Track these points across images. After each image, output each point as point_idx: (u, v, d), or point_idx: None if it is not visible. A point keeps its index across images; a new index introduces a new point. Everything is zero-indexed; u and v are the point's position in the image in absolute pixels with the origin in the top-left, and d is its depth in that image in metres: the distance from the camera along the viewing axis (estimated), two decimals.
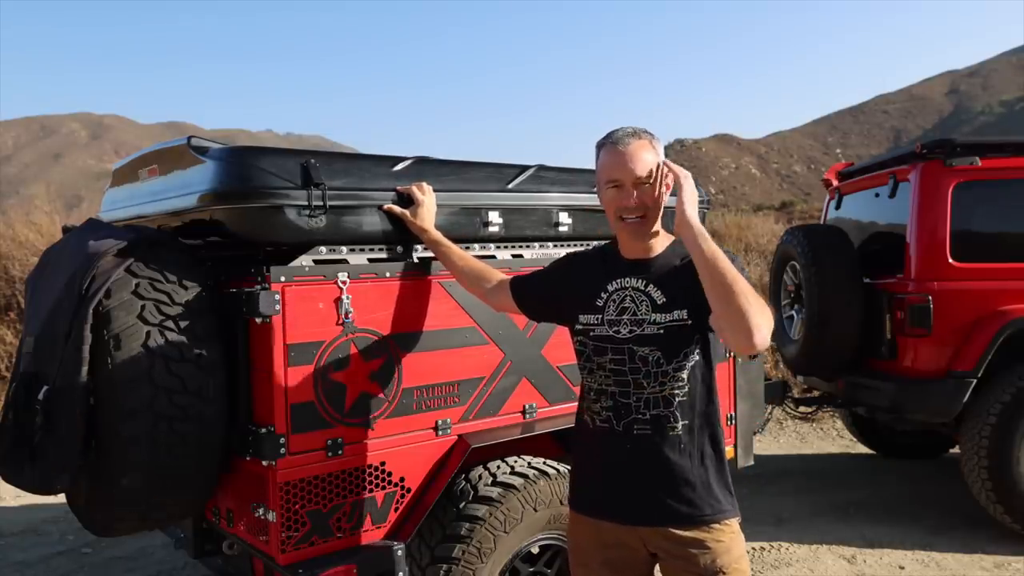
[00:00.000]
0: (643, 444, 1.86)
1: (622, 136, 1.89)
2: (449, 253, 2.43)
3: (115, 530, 2.40)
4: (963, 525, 4.52)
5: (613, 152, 1.89)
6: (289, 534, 2.31)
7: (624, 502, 1.90)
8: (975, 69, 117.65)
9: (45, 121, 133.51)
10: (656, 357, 1.84)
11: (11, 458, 2.22)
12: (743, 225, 13.15)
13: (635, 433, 1.87)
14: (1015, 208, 4.50)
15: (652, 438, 1.86)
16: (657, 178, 1.87)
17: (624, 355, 1.88)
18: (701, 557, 1.83)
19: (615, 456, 1.90)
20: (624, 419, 1.88)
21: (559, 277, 2.13)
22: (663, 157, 1.92)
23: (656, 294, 1.88)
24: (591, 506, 1.97)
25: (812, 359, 4.90)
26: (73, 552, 4.35)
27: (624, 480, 1.90)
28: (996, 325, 4.26)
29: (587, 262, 2.08)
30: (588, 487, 2.00)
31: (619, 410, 1.89)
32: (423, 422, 2.57)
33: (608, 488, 1.93)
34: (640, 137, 1.89)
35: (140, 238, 2.31)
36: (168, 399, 2.18)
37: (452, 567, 2.49)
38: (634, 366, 1.86)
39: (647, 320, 1.86)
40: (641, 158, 1.86)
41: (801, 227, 5.35)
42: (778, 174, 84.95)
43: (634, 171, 1.85)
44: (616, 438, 1.90)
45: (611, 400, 1.90)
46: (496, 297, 2.30)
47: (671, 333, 1.84)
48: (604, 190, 1.92)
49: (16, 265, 8.26)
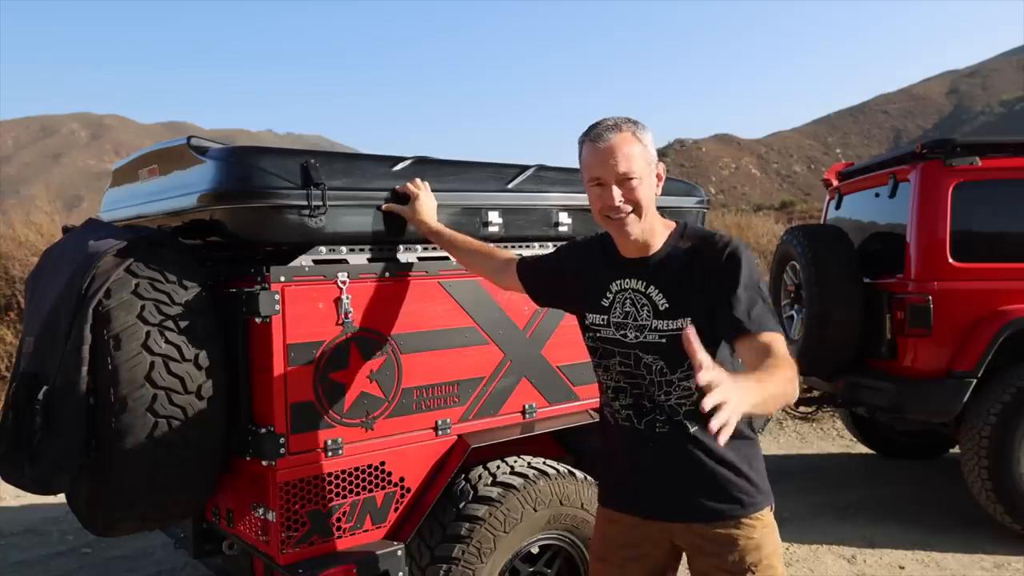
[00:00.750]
0: (665, 442, 1.82)
1: (602, 131, 1.76)
2: (452, 239, 2.41)
3: (115, 530, 2.40)
4: (963, 525, 4.52)
5: (593, 149, 1.77)
6: (289, 534, 2.31)
7: (651, 498, 1.86)
8: (975, 69, 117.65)
9: (45, 121, 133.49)
10: (660, 366, 1.80)
11: (11, 458, 2.22)
12: (743, 225, 13.16)
13: (657, 431, 1.83)
14: (1015, 208, 4.50)
15: (672, 437, 1.81)
16: (643, 172, 1.76)
17: (631, 360, 1.84)
18: (730, 555, 1.79)
19: (639, 454, 1.87)
20: (645, 417, 1.84)
21: (565, 267, 2.05)
22: (652, 148, 1.80)
23: (658, 298, 1.80)
24: (619, 501, 1.94)
25: (812, 359, 4.90)
26: (73, 552, 4.35)
27: (650, 476, 1.86)
28: (996, 325, 4.26)
29: (589, 253, 1.99)
30: (616, 483, 1.97)
31: (638, 408, 1.85)
32: (423, 422, 2.57)
33: (635, 484, 1.90)
34: (621, 129, 1.75)
35: (140, 238, 2.31)
36: (168, 399, 2.18)
37: (452, 567, 2.49)
38: (640, 372, 1.83)
39: (648, 327, 1.80)
40: (623, 153, 1.73)
41: (801, 227, 5.35)
42: (778, 174, 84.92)
43: (616, 167, 1.73)
44: (639, 436, 1.86)
45: (629, 398, 1.86)
46: (502, 277, 2.25)
47: (673, 343, 1.75)
48: (588, 188, 1.82)
49: (16, 265, 8.26)
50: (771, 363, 1.58)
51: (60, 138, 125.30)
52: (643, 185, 1.77)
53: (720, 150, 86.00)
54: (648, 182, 1.78)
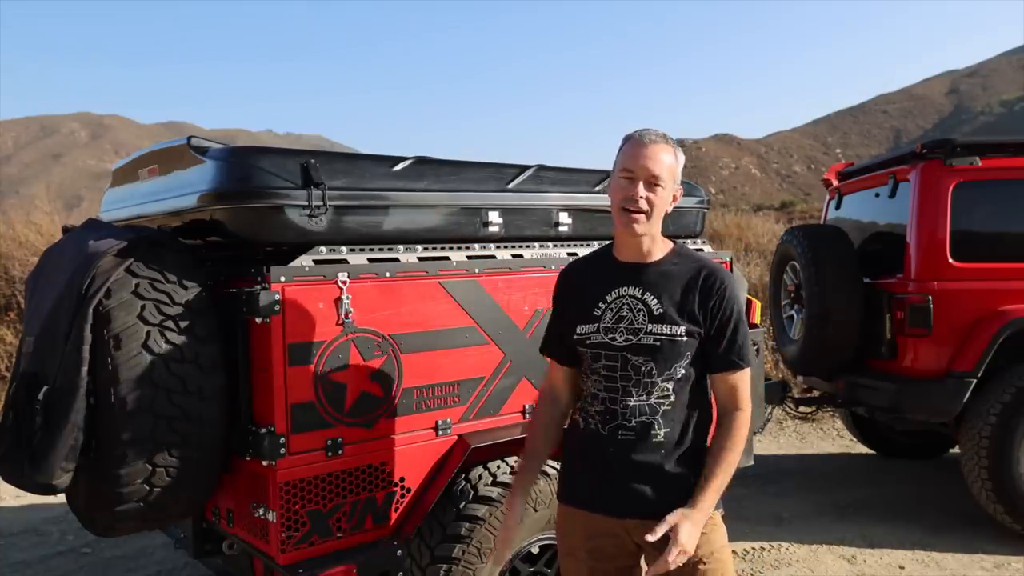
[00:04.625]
0: (625, 448, 1.91)
1: (650, 133, 1.92)
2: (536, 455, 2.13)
3: (115, 530, 2.40)
4: (963, 525, 4.52)
5: (637, 144, 1.91)
6: (289, 534, 2.31)
7: (609, 496, 1.94)
8: (975, 69, 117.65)
9: (45, 121, 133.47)
10: (649, 368, 1.89)
11: (11, 458, 2.22)
12: (743, 225, 13.14)
13: (619, 438, 1.91)
14: (1015, 208, 4.50)
15: (635, 444, 1.90)
16: (668, 183, 1.90)
17: (617, 362, 1.91)
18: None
19: (599, 455, 1.95)
20: (610, 423, 1.93)
21: (560, 302, 2.09)
22: (680, 170, 1.95)
23: (653, 303, 1.90)
24: (580, 499, 2.01)
25: (812, 359, 4.90)
26: (73, 552, 4.35)
27: (608, 476, 1.95)
28: (996, 325, 4.25)
29: (583, 272, 2.08)
30: (576, 482, 2.04)
31: (607, 415, 1.93)
32: (423, 422, 2.57)
33: (594, 483, 1.98)
34: (667, 142, 1.92)
35: (140, 238, 2.31)
36: (168, 399, 2.18)
37: (452, 567, 2.49)
38: (625, 373, 1.90)
39: (643, 330, 1.89)
40: (660, 159, 1.88)
41: (801, 227, 5.35)
42: (778, 174, 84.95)
43: (650, 168, 1.87)
44: (601, 440, 1.94)
45: (602, 405, 1.94)
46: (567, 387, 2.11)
47: (665, 345, 1.87)
48: (616, 178, 1.93)
49: (16, 265, 8.26)
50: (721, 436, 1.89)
51: (60, 138, 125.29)
52: (664, 193, 1.90)
53: (720, 150, 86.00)
54: (668, 194, 1.92)
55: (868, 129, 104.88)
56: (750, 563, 4.06)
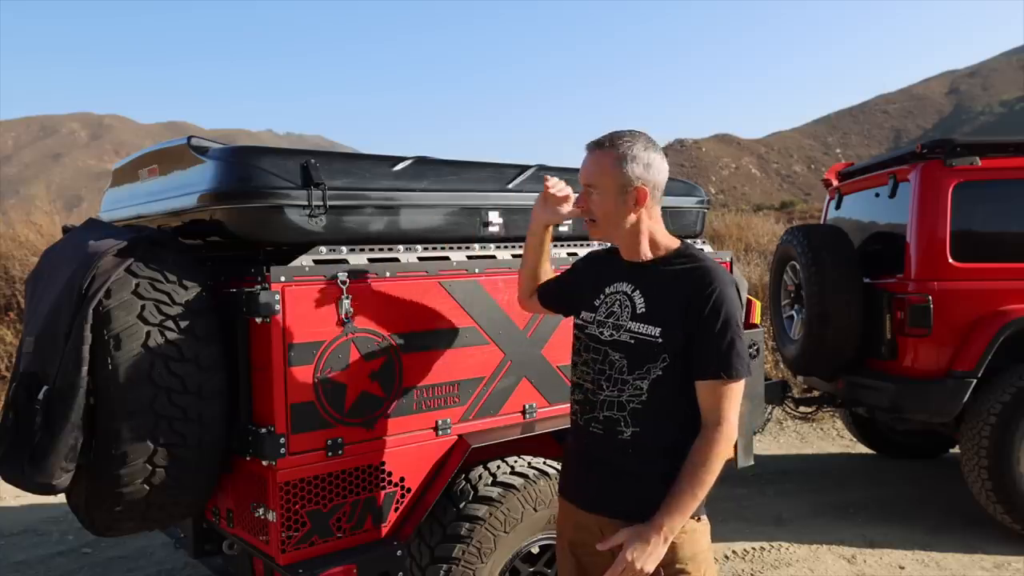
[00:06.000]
0: (595, 441, 1.92)
1: (594, 141, 1.91)
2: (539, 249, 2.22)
3: (115, 530, 2.40)
4: (963, 525, 4.52)
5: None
6: (289, 534, 2.31)
7: (584, 490, 1.97)
8: (975, 69, 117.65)
9: (45, 121, 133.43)
10: (623, 365, 1.88)
11: (11, 458, 2.22)
12: (743, 225, 13.14)
13: (590, 430, 1.93)
14: (1015, 208, 4.50)
15: (602, 438, 1.90)
16: (605, 186, 1.86)
17: (599, 355, 1.93)
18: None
19: (580, 447, 1.99)
20: (586, 415, 1.95)
21: (577, 275, 2.16)
22: (636, 170, 1.84)
23: (639, 301, 1.89)
24: (564, 489, 2.05)
25: (812, 359, 4.90)
26: (73, 552, 4.35)
27: (581, 470, 1.98)
28: (996, 325, 4.26)
29: (597, 262, 2.12)
30: (565, 474, 2.09)
31: (585, 406, 1.96)
32: (423, 422, 2.57)
33: (575, 475, 2.01)
34: (603, 146, 1.88)
35: (140, 238, 2.31)
36: (168, 399, 2.18)
37: (452, 567, 2.49)
38: (602, 367, 1.92)
39: (624, 327, 1.90)
40: (588, 166, 1.90)
41: (801, 227, 5.35)
42: (778, 174, 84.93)
43: (583, 176, 1.92)
44: (579, 432, 1.99)
45: (582, 395, 1.97)
46: (528, 304, 2.35)
47: (639, 345, 1.85)
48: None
49: (16, 265, 8.26)
50: (693, 451, 1.78)
51: (60, 138, 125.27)
52: (601, 198, 1.89)
53: (720, 150, 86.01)
54: (608, 198, 1.87)
55: (868, 129, 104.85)
56: (750, 563, 4.06)
